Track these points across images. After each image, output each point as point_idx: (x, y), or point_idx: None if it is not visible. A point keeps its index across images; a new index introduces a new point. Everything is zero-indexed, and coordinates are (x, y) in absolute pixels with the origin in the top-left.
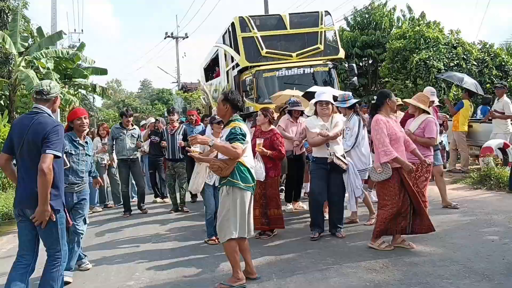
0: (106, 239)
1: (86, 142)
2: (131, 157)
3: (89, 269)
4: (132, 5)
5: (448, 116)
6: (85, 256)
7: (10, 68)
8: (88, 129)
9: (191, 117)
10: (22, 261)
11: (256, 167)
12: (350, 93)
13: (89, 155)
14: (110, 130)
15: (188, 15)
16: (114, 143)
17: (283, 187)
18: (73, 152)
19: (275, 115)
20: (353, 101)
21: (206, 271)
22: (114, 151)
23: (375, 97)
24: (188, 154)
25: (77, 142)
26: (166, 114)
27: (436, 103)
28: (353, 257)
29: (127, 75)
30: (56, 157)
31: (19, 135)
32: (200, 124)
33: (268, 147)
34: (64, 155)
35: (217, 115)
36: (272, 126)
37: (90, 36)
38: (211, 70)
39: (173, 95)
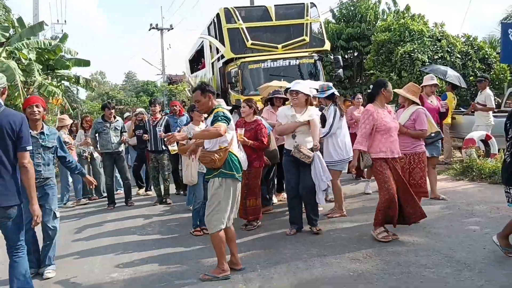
0: (90, 232)
1: (42, 133)
2: (116, 150)
3: (50, 278)
4: None
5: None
6: (53, 264)
7: None
8: (40, 119)
9: (174, 107)
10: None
11: (239, 156)
12: (330, 84)
13: (48, 147)
14: (92, 123)
15: (173, 7)
16: (98, 137)
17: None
18: None
19: (260, 106)
20: (331, 91)
21: (190, 262)
22: (98, 145)
23: (371, 87)
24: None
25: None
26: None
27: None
28: (337, 248)
29: (112, 67)
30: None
31: None
32: (184, 115)
33: (252, 137)
34: None
35: (200, 110)
36: (256, 117)
37: (74, 28)
38: (196, 61)
39: (158, 87)
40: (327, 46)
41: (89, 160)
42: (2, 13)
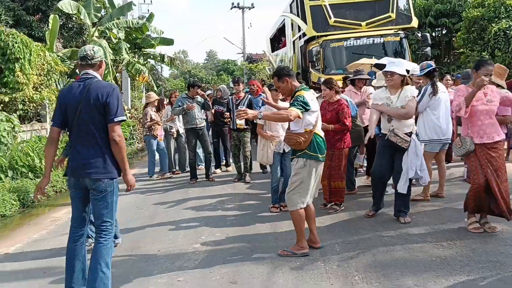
0: (174, 205)
1: None
2: (200, 125)
3: None
4: None
5: None
6: (118, 237)
7: (84, 38)
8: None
9: (252, 87)
10: (77, 231)
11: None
12: (431, 62)
13: None
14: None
15: None
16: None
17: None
18: None
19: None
20: (428, 69)
21: (269, 238)
22: (181, 121)
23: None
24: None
25: None
26: (231, 85)
27: None
28: (420, 232)
29: (193, 46)
30: (122, 121)
31: (73, 104)
32: (261, 94)
33: (333, 118)
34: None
35: (283, 95)
36: (338, 97)
37: (159, 7)
38: (277, 40)
39: (238, 66)
40: (414, 23)
41: (175, 137)
42: None
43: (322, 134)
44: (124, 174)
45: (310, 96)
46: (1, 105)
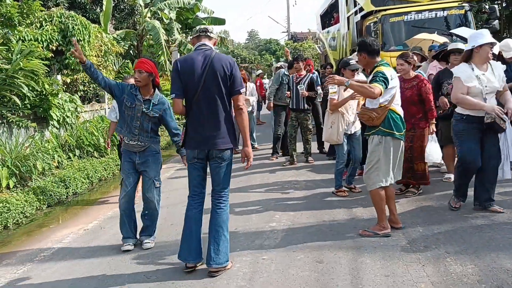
0: (238, 186)
1: (149, 100)
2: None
3: (149, 248)
4: None
5: None
6: (153, 235)
7: (135, 19)
8: (144, 85)
9: (307, 66)
10: (197, 199)
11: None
12: None
13: (149, 115)
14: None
15: None
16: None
17: None
18: (128, 104)
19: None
20: None
21: (345, 217)
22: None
23: None
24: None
25: (136, 96)
26: (274, 64)
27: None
28: (507, 214)
29: (236, 25)
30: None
31: (196, 75)
32: (314, 73)
33: (415, 96)
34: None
35: (363, 66)
36: (416, 72)
37: None
38: (328, 17)
39: (281, 45)
40: None
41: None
42: None
43: (399, 111)
44: (245, 145)
45: (389, 72)
46: (64, 86)
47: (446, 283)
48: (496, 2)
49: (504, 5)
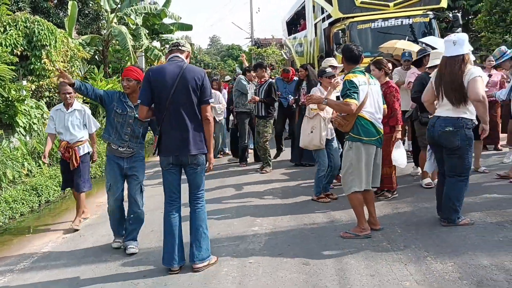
0: (213, 192)
1: (137, 107)
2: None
3: (133, 253)
4: None
5: None
6: (136, 240)
7: (100, 24)
8: (132, 92)
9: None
10: (174, 205)
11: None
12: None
13: (140, 121)
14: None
15: None
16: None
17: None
18: (118, 112)
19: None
20: (509, 55)
21: (325, 220)
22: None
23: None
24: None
25: (126, 103)
26: (237, 70)
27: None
28: (479, 213)
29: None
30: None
31: (167, 84)
32: (293, 80)
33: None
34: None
35: None
36: (388, 79)
37: None
38: (294, 23)
39: (244, 51)
40: (444, 3)
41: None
42: None
43: (368, 117)
44: (209, 151)
45: (358, 79)
46: (30, 92)
47: (429, 280)
48: (453, 12)
49: (460, 14)
